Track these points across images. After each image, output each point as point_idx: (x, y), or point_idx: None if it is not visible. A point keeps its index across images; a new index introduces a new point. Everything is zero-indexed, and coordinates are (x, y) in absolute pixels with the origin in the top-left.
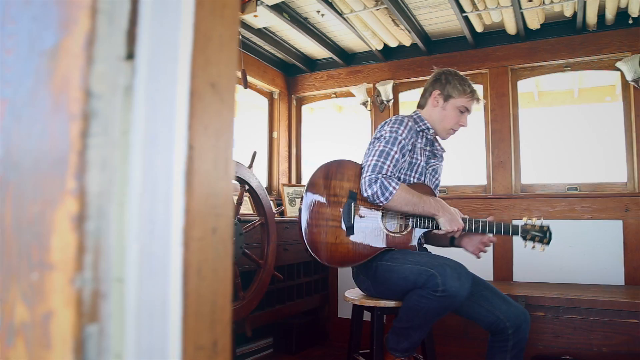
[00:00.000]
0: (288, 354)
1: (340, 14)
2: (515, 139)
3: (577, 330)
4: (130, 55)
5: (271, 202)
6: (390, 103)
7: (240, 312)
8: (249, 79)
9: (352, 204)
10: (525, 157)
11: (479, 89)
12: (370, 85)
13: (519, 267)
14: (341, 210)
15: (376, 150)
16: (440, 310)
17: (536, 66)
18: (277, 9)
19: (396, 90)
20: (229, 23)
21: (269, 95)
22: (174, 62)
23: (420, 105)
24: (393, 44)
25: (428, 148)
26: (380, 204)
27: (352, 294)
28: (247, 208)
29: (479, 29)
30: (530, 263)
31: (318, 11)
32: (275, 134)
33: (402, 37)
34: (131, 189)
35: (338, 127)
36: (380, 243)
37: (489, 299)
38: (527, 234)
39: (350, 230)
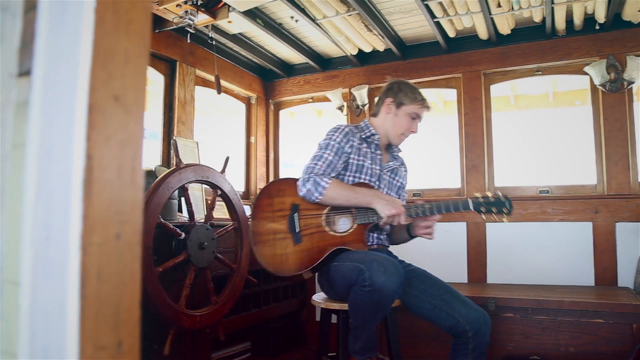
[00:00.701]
0: (266, 358)
1: (313, 19)
2: (488, 142)
3: (546, 331)
4: (25, 72)
5: (246, 207)
6: (366, 107)
7: (213, 317)
8: (226, 84)
9: (295, 214)
10: (501, 160)
11: (452, 93)
12: (346, 90)
13: (493, 269)
14: (287, 222)
15: (312, 156)
16: (373, 305)
17: (508, 70)
18: (250, 15)
19: (371, 95)
20: (136, 38)
21: (246, 100)
22: (73, 77)
23: (374, 114)
24: (367, 49)
25: (379, 152)
26: (316, 200)
27: (319, 298)
28: (224, 213)
29: (451, 34)
30: (504, 265)
31: (292, 17)
32: (252, 139)
33: (375, 42)
34: (25, 197)
35: (318, 132)
36: (328, 245)
37: (449, 302)
38: (481, 206)
39: (297, 238)
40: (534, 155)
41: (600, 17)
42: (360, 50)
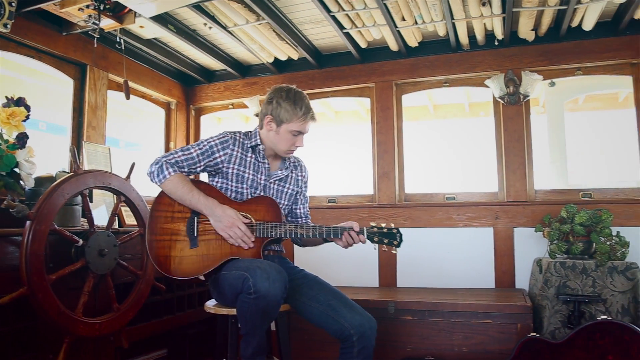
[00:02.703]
0: None
1: (224, 27)
2: (399, 150)
3: (441, 332)
4: None
5: None
6: None
7: (114, 324)
8: (143, 89)
9: (196, 218)
10: (413, 168)
11: (366, 102)
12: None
13: (402, 273)
14: (185, 224)
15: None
16: (260, 311)
17: (418, 81)
18: (160, 20)
19: None
20: None
21: (166, 106)
22: None
23: (260, 126)
24: (282, 57)
25: (266, 161)
26: (157, 185)
27: (211, 304)
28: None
29: (362, 44)
30: (413, 269)
31: (205, 24)
32: (172, 144)
33: (289, 51)
34: None
35: None
36: (224, 254)
37: (336, 307)
38: (374, 236)
39: (193, 242)
40: (446, 163)
41: (498, 34)
42: (276, 58)
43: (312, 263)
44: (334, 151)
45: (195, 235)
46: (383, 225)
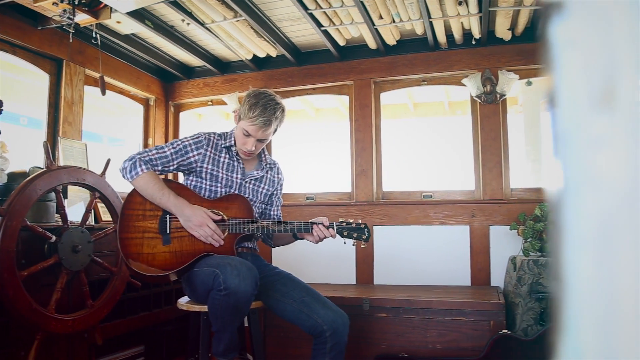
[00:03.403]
0: None
1: (202, 24)
2: (377, 148)
3: (416, 329)
4: None
5: None
6: None
7: (88, 321)
8: (121, 85)
9: (168, 215)
10: (391, 166)
11: (345, 99)
12: (243, 94)
13: (380, 271)
14: (157, 222)
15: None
16: (231, 308)
17: (397, 79)
18: (137, 16)
19: None
20: None
21: (145, 102)
22: None
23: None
24: (260, 54)
25: (240, 161)
26: (128, 181)
27: (184, 300)
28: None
29: (341, 42)
30: (390, 267)
31: (183, 20)
32: (150, 141)
33: (267, 48)
34: None
35: None
36: (197, 251)
37: (309, 304)
38: (344, 230)
39: (166, 239)
40: (423, 162)
41: (476, 33)
42: (255, 55)
43: (289, 261)
44: (314, 148)
45: (168, 232)
46: (351, 220)
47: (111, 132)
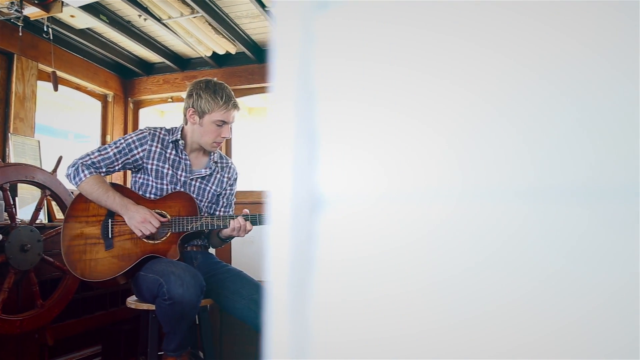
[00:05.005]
0: None
1: (158, 19)
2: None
3: None
4: None
5: None
6: None
7: (37, 321)
8: (78, 80)
9: (110, 220)
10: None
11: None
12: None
13: None
14: (100, 227)
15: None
16: (177, 316)
17: None
18: (91, 10)
19: None
20: None
21: (102, 98)
22: None
23: (185, 121)
24: (220, 51)
25: (187, 158)
26: (75, 186)
27: (132, 299)
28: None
29: None
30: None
31: (139, 15)
32: (108, 137)
33: (226, 45)
34: None
35: None
36: (140, 253)
37: (258, 301)
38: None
39: (108, 244)
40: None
41: None
42: (215, 52)
43: (248, 258)
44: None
45: (110, 237)
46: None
47: (77, 129)
